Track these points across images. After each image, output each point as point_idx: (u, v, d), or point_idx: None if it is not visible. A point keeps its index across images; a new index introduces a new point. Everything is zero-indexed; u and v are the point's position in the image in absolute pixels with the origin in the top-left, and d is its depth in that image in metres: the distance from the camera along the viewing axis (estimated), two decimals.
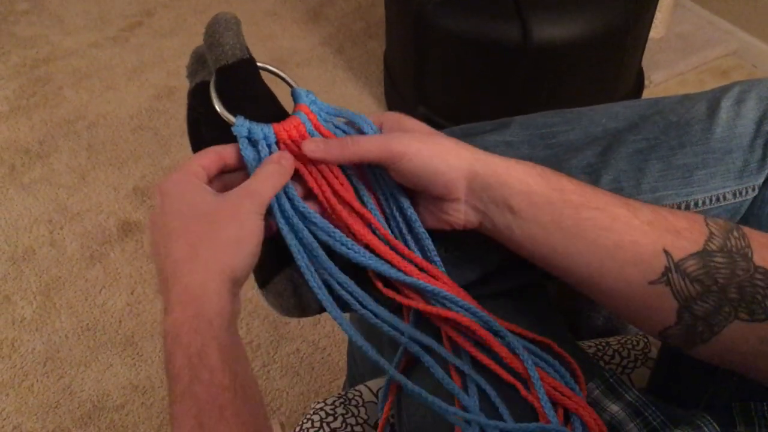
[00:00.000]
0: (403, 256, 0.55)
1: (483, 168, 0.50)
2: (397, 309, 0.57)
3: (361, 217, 0.54)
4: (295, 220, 0.53)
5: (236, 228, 0.48)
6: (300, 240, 0.53)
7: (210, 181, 0.53)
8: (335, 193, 0.54)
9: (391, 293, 0.55)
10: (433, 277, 0.55)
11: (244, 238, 0.48)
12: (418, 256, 0.55)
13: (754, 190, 0.57)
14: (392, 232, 0.56)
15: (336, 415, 0.68)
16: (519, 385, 0.54)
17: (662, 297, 0.48)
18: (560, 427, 0.52)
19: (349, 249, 0.53)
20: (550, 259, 0.52)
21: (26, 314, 1.32)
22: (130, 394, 1.21)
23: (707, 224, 0.48)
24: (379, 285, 0.55)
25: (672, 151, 0.57)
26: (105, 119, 1.69)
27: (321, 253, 0.53)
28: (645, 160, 0.57)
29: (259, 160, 0.53)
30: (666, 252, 0.47)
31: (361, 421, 0.68)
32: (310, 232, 0.53)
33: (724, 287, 0.47)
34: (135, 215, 1.48)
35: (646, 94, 1.68)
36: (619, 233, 0.48)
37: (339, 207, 0.54)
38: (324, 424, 0.67)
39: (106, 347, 1.27)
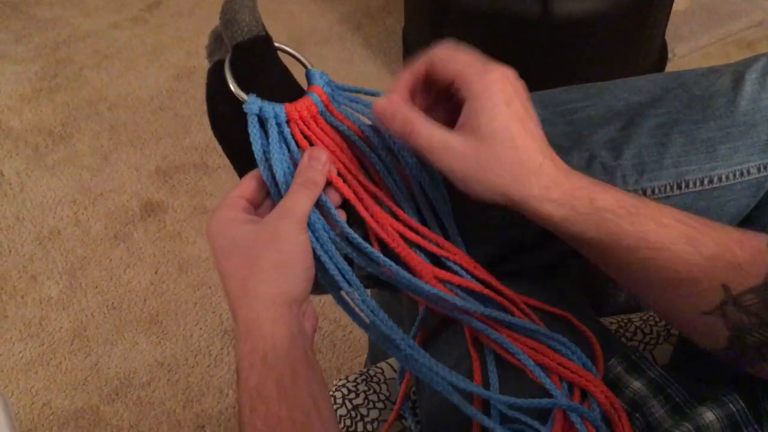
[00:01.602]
0: (416, 232, 0.55)
1: (530, 211, 0.48)
2: None
3: (374, 195, 0.55)
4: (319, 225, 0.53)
5: (275, 253, 0.48)
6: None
7: (258, 206, 0.53)
8: (349, 172, 0.54)
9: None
10: (450, 252, 0.55)
11: (287, 261, 0.48)
12: (437, 235, 0.55)
13: None
14: (409, 209, 0.56)
15: (358, 392, 0.69)
16: (528, 370, 0.54)
17: (715, 325, 0.47)
18: (569, 402, 0.52)
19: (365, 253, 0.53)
20: (602, 268, 0.51)
21: (53, 294, 1.34)
22: (156, 372, 1.23)
23: None
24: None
25: (696, 125, 0.56)
26: (126, 100, 1.70)
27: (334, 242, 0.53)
28: (668, 134, 0.56)
29: (266, 138, 0.53)
30: (724, 287, 0.46)
31: (383, 397, 0.69)
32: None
33: None
34: (157, 195, 1.49)
35: (670, 67, 1.65)
36: (677, 272, 0.46)
37: (350, 177, 0.54)
38: (346, 401, 0.68)
39: (132, 325, 1.29)
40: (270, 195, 0.54)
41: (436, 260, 0.56)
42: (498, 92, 0.47)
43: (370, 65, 1.74)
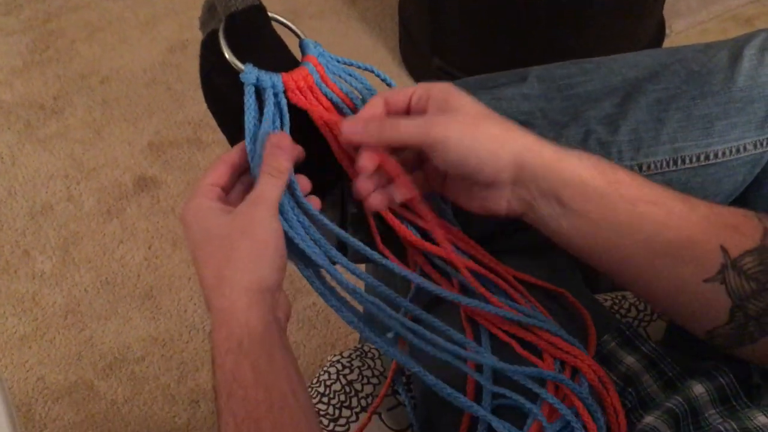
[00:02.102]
0: (408, 208, 0.55)
1: (532, 158, 0.47)
2: None
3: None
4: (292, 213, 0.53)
5: (249, 242, 0.48)
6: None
7: (228, 192, 0.53)
8: (338, 139, 0.54)
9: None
10: (441, 227, 0.55)
11: (260, 250, 0.48)
12: (427, 210, 0.55)
13: None
14: None
15: (352, 368, 0.69)
16: (514, 343, 0.54)
17: (716, 295, 0.46)
18: (556, 374, 0.52)
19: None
20: (600, 254, 0.49)
21: (46, 269, 1.33)
22: (150, 347, 1.23)
23: (761, 219, 0.46)
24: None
25: (693, 101, 0.56)
26: (118, 74, 1.69)
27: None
28: (665, 110, 0.56)
29: (261, 109, 0.53)
30: (723, 249, 0.45)
31: (377, 373, 0.69)
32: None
33: None
34: (150, 170, 1.48)
35: (667, 43, 1.64)
36: (675, 229, 0.46)
37: (344, 157, 0.54)
38: (341, 377, 0.68)
39: (126, 301, 1.29)
40: (241, 178, 0.54)
41: (427, 236, 0.56)
42: (454, 86, 0.50)
43: (366, 39, 1.72)
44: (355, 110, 0.55)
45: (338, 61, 0.57)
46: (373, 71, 0.57)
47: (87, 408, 1.17)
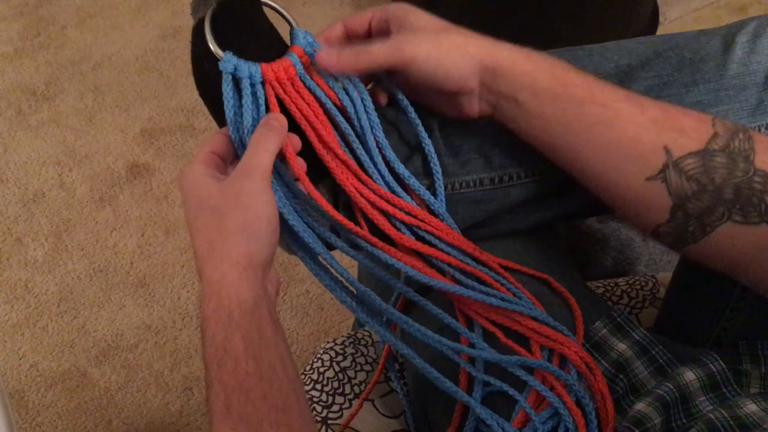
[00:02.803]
0: (387, 201, 0.55)
1: (491, 61, 0.51)
2: None
3: (344, 163, 0.54)
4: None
5: (240, 214, 0.47)
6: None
7: (228, 163, 0.53)
8: (320, 139, 0.54)
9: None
10: (422, 221, 0.55)
11: (251, 222, 0.48)
12: (407, 203, 0.55)
13: (767, 128, 0.56)
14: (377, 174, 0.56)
15: (346, 355, 0.69)
16: (498, 333, 0.54)
17: (658, 193, 0.48)
18: (543, 362, 0.52)
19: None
20: (554, 151, 0.53)
21: (38, 256, 1.33)
22: (144, 334, 1.23)
23: (714, 124, 0.48)
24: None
25: (685, 88, 0.56)
26: (110, 60, 1.67)
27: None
28: (657, 97, 0.56)
29: (239, 99, 0.52)
30: (666, 149, 0.48)
31: (370, 360, 0.69)
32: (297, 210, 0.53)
33: (720, 187, 0.47)
34: (143, 157, 1.47)
35: (661, 30, 1.64)
36: (621, 129, 0.49)
37: (323, 152, 0.54)
38: (334, 363, 0.68)
39: (119, 288, 1.29)
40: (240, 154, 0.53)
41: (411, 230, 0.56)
42: (410, 5, 0.54)
43: None
44: (340, 105, 0.55)
45: None
46: None
47: (80, 395, 1.17)
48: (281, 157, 0.52)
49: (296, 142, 0.53)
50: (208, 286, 0.47)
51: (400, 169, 0.56)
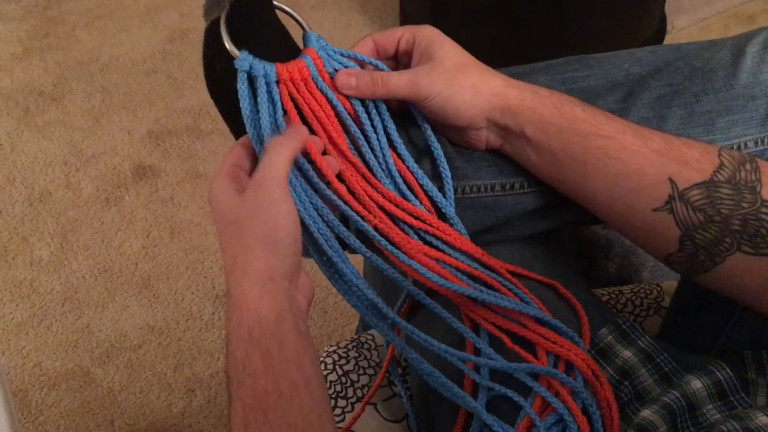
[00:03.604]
0: (396, 205, 0.55)
1: (500, 101, 0.53)
2: None
3: (353, 165, 0.55)
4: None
5: (259, 226, 0.47)
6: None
7: (251, 172, 0.52)
8: (331, 140, 0.54)
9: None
10: (430, 225, 0.55)
11: (270, 234, 0.47)
12: (415, 207, 0.55)
13: None
14: (388, 178, 0.56)
15: (349, 358, 0.69)
16: (505, 338, 0.54)
17: (665, 224, 0.49)
18: (549, 368, 0.52)
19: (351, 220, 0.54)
20: (562, 182, 0.54)
21: (44, 255, 1.33)
22: (147, 335, 1.23)
23: (720, 155, 0.49)
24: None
25: (695, 97, 0.56)
26: (118, 61, 1.68)
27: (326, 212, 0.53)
28: (667, 106, 0.56)
29: (254, 97, 0.53)
30: (671, 181, 0.49)
31: (373, 363, 0.69)
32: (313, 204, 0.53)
33: (727, 218, 0.47)
34: (149, 159, 1.48)
35: (668, 39, 1.64)
36: (626, 161, 0.50)
37: (333, 153, 0.54)
38: (337, 367, 0.68)
39: (123, 289, 1.29)
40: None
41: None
42: (437, 31, 0.55)
43: (367, 31, 1.72)
44: (351, 111, 0.55)
45: (342, 54, 0.56)
46: (377, 65, 0.57)
47: (83, 395, 1.17)
48: (306, 156, 0.52)
49: (318, 142, 0.53)
50: (232, 302, 0.47)
51: (414, 167, 0.56)
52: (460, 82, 0.53)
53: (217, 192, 0.49)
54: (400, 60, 0.58)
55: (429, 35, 0.55)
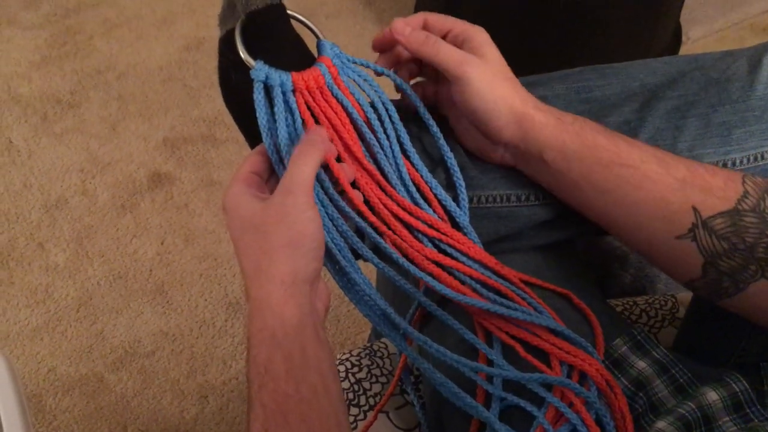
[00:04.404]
0: (410, 213, 0.55)
1: (526, 122, 0.53)
2: None
3: (369, 173, 0.55)
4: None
5: (285, 231, 0.47)
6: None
7: (268, 180, 0.53)
8: (347, 148, 0.55)
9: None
10: (444, 234, 0.56)
11: (296, 238, 0.47)
12: (429, 215, 0.56)
13: None
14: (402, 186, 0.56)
15: (361, 366, 0.69)
16: (518, 347, 0.54)
17: (688, 251, 0.49)
18: (563, 378, 0.52)
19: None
20: (581, 207, 0.54)
21: (59, 261, 1.34)
22: (161, 341, 1.24)
23: (744, 183, 0.48)
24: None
25: (711, 108, 0.56)
26: (135, 70, 1.70)
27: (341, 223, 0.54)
28: (683, 117, 0.56)
29: (271, 106, 0.53)
30: (695, 209, 0.48)
31: (386, 372, 0.69)
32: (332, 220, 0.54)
33: (752, 246, 0.47)
34: (165, 166, 1.49)
35: (683, 50, 1.63)
36: (649, 190, 0.49)
37: (349, 161, 0.54)
38: (350, 375, 0.68)
39: (137, 295, 1.30)
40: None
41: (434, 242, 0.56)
42: (488, 36, 0.55)
43: None
44: (365, 119, 0.56)
45: (355, 62, 0.57)
46: (390, 76, 0.57)
47: (96, 400, 1.17)
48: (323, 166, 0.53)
49: (333, 150, 0.53)
50: (254, 305, 0.47)
51: (428, 177, 0.56)
52: (500, 85, 0.53)
53: (236, 197, 0.50)
54: (425, 70, 0.59)
55: (482, 37, 0.55)
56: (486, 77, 0.53)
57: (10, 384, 0.58)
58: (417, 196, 0.56)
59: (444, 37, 0.56)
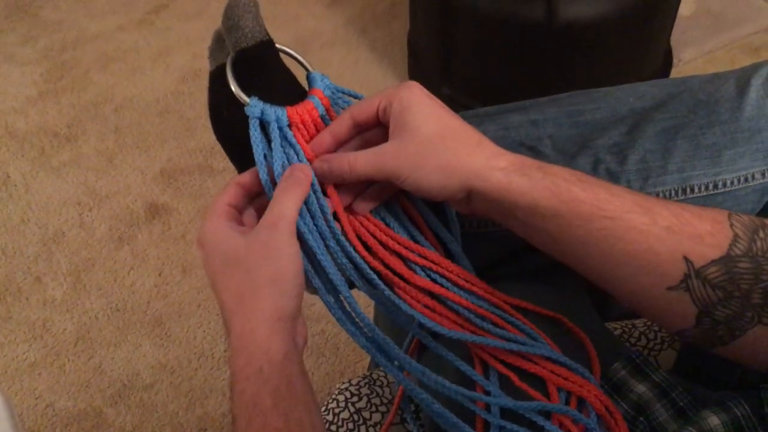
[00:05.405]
0: (402, 245, 0.55)
1: (481, 184, 0.48)
2: None
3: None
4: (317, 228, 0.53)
5: (271, 266, 0.47)
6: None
7: (242, 212, 0.53)
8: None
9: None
10: (434, 263, 0.55)
11: (280, 275, 0.48)
12: (419, 246, 0.56)
13: None
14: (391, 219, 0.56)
15: (361, 396, 0.69)
16: (513, 377, 0.54)
17: (681, 302, 0.46)
18: (561, 406, 0.51)
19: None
20: (563, 259, 0.51)
21: (57, 295, 1.34)
22: (159, 374, 1.23)
23: (732, 225, 0.46)
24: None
25: (700, 130, 0.56)
26: (131, 102, 1.71)
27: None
28: (672, 139, 0.56)
29: (268, 142, 0.53)
30: (686, 259, 0.46)
31: (385, 401, 0.69)
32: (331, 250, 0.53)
33: (748, 293, 0.45)
34: (162, 198, 1.49)
35: (675, 72, 1.65)
36: (634, 242, 0.46)
37: (342, 189, 0.54)
38: (349, 404, 0.68)
39: (135, 328, 1.29)
40: (254, 201, 0.54)
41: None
42: (416, 92, 0.50)
43: (375, 69, 1.74)
44: None
45: (345, 93, 0.57)
46: None
47: None
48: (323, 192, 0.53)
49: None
50: (238, 341, 0.47)
51: (418, 203, 0.57)
52: (430, 162, 0.48)
53: (217, 232, 0.50)
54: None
55: (404, 101, 0.50)
56: (408, 161, 0.49)
57: (8, 421, 0.57)
58: (408, 225, 0.56)
59: (377, 120, 0.52)
